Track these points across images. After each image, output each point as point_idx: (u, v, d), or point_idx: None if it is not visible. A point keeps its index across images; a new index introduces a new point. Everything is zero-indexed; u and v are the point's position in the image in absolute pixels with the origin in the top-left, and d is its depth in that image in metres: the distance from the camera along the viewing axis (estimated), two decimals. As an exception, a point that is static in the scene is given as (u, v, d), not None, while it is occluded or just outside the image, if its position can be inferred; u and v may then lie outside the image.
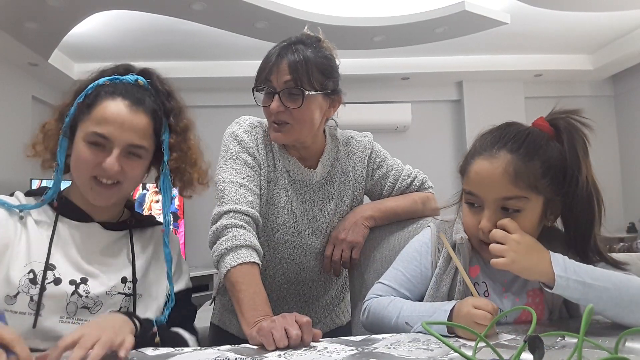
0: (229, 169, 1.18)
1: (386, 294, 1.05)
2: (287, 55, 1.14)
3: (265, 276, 1.25)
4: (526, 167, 0.90)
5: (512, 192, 0.90)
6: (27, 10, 3.05)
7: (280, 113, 1.15)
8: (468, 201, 0.97)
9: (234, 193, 1.14)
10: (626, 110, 4.83)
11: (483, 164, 0.93)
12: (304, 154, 1.27)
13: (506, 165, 0.90)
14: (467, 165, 0.97)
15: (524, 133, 0.93)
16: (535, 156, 0.90)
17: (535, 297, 0.98)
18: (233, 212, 1.11)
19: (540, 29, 3.93)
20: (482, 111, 4.74)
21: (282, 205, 1.25)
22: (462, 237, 1.00)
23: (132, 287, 1.00)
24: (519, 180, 0.89)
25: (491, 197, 0.92)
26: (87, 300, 0.94)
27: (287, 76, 1.13)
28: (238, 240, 1.06)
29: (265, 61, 1.17)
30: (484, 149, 0.94)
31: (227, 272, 1.04)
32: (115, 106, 0.97)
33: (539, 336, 0.66)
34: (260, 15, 3.30)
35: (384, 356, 0.75)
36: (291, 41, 1.17)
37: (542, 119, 0.98)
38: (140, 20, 3.51)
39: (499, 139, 0.93)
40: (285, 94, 1.14)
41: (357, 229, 1.27)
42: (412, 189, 1.36)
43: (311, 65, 1.14)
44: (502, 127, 0.97)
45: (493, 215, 0.92)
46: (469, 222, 0.97)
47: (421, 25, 3.55)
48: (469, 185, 0.95)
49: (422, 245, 1.07)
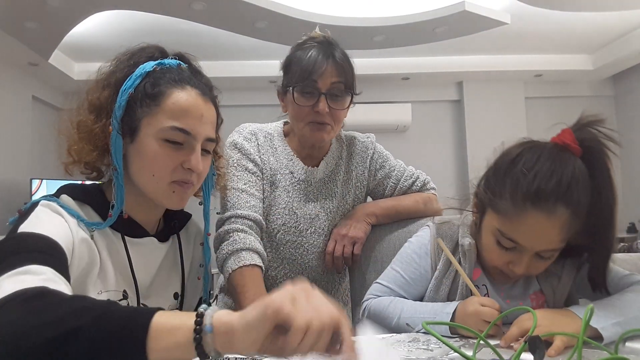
0: (230, 176, 1.22)
1: (384, 294, 1.04)
2: (332, 57, 1.16)
3: (267, 277, 1.26)
4: (577, 220, 0.84)
5: (558, 245, 0.86)
6: (27, 10, 3.05)
7: (324, 114, 1.17)
8: (500, 242, 0.89)
9: (236, 199, 1.18)
10: (626, 110, 4.83)
11: (539, 218, 0.82)
12: (311, 153, 1.29)
13: (563, 223, 0.82)
14: (510, 209, 0.85)
15: (578, 178, 0.83)
16: (584, 205, 0.83)
17: (538, 299, 0.97)
18: (235, 217, 1.15)
19: (540, 29, 3.93)
20: (482, 111, 4.74)
21: (282, 206, 1.26)
22: (470, 243, 0.97)
23: (180, 300, 0.93)
24: (569, 234, 0.85)
25: (536, 249, 0.86)
26: None
27: (334, 78, 1.16)
28: (239, 244, 1.09)
29: (307, 61, 1.17)
30: (538, 197, 0.82)
31: (229, 275, 1.07)
32: (189, 96, 0.84)
33: (539, 336, 0.67)
34: (260, 15, 3.30)
35: (384, 356, 0.75)
36: (329, 41, 1.21)
37: (571, 136, 0.87)
38: (140, 20, 3.51)
39: (557, 187, 0.82)
40: (332, 95, 1.17)
41: (358, 224, 1.28)
42: (413, 190, 1.37)
43: (351, 68, 1.20)
44: (551, 159, 0.85)
45: (529, 262, 0.88)
46: (496, 259, 0.92)
47: (421, 25, 3.55)
48: (513, 233, 0.86)
49: (421, 247, 1.05)
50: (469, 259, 0.97)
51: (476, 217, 0.97)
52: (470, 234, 0.99)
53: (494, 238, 0.89)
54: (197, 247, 1.03)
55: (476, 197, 0.96)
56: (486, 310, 0.84)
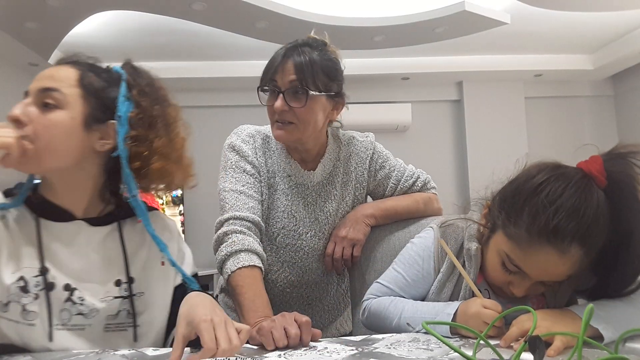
0: (229, 178, 1.21)
1: (385, 295, 1.04)
2: (293, 56, 1.16)
3: (267, 280, 1.26)
4: (587, 259, 0.83)
5: (562, 279, 0.86)
6: (27, 10, 3.05)
7: (284, 112, 1.16)
8: (505, 264, 0.88)
9: (234, 201, 1.17)
10: (626, 110, 4.83)
11: (552, 255, 0.81)
12: (305, 156, 1.27)
13: (574, 261, 0.82)
14: (523, 238, 0.83)
15: (599, 220, 0.81)
16: (598, 246, 0.82)
17: (539, 303, 0.97)
18: (233, 219, 1.14)
19: (540, 29, 3.93)
20: (482, 111, 4.74)
21: (281, 209, 1.25)
22: (477, 248, 0.96)
23: (128, 287, 0.92)
24: (574, 271, 0.84)
25: (540, 279, 0.86)
26: (82, 308, 0.88)
27: (292, 76, 1.15)
28: (237, 245, 1.09)
29: (271, 61, 1.19)
30: (555, 235, 0.80)
31: (229, 277, 1.07)
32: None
33: (539, 336, 0.67)
34: (260, 15, 3.29)
35: (384, 356, 0.76)
36: (297, 43, 1.19)
37: (600, 166, 0.82)
38: (140, 20, 3.51)
39: (577, 229, 0.79)
40: (290, 93, 1.15)
41: (358, 226, 1.28)
42: (414, 190, 1.36)
43: (316, 66, 1.16)
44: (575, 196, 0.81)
45: (530, 286, 0.88)
46: (498, 278, 0.92)
47: (421, 25, 3.55)
48: (521, 262, 0.85)
49: (425, 249, 1.04)
50: (474, 263, 0.96)
51: (484, 230, 0.96)
52: (476, 239, 0.98)
53: (500, 259, 0.89)
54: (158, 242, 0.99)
55: (488, 211, 0.94)
56: (488, 312, 0.84)
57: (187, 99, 4.90)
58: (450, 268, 0.99)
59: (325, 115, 1.21)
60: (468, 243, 0.98)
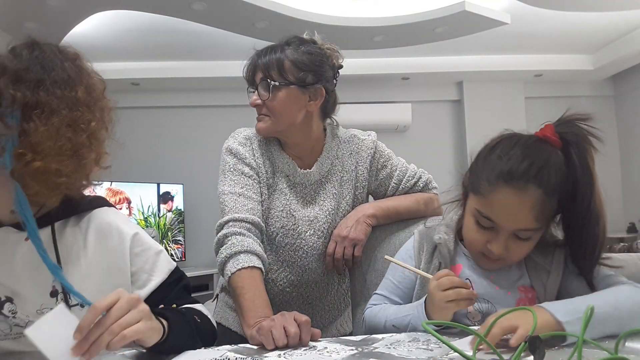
0: (227, 181, 1.23)
1: (380, 302, 1.09)
2: (264, 56, 1.24)
3: (267, 280, 1.26)
4: (550, 203, 0.88)
5: (532, 225, 0.90)
6: (27, 10, 3.05)
7: (258, 107, 1.24)
8: (479, 222, 0.94)
9: (234, 203, 1.18)
10: (626, 110, 4.83)
11: (510, 195, 0.87)
12: (299, 153, 1.28)
13: (534, 201, 0.87)
14: (485, 188, 0.91)
15: (551, 163, 0.88)
16: (558, 190, 0.88)
17: (528, 292, 0.98)
18: (233, 221, 1.15)
19: (540, 29, 3.93)
20: (482, 111, 4.74)
21: (280, 209, 1.26)
22: (440, 238, 1.03)
23: (64, 298, 0.82)
24: (542, 215, 0.89)
25: (510, 227, 0.90)
26: (16, 320, 0.82)
27: (261, 74, 1.22)
28: (236, 247, 1.10)
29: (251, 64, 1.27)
30: (510, 176, 0.88)
31: (229, 278, 1.08)
32: None
33: (539, 336, 0.67)
34: (260, 15, 3.30)
35: (384, 356, 0.76)
36: (275, 44, 1.26)
37: (552, 130, 0.92)
38: (140, 20, 3.51)
39: (528, 169, 0.87)
40: (260, 88, 1.22)
41: (359, 226, 1.28)
42: (416, 190, 1.36)
43: (283, 59, 1.21)
44: (525, 146, 0.90)
45: (506, 241, 0.92)
46: (476, 239, 0.96)
47: (421, 25, 3.55)
48: (488, 211, 0.91)
49: (406, 251, 1.10)
50: (441, 252, 1.02)
51: (462, 205, 1.02)
52: (453, 230, 1.04)
53: (474, 219, 0.95)
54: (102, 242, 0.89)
55: (463, 186, 1.01)
56: (443, 280, 0.87)
57: (187, 99, 4.92)
58: (427, 264, 1.04)
59: (301, 106, 1.23)
60: (435, 236, 1.04)
